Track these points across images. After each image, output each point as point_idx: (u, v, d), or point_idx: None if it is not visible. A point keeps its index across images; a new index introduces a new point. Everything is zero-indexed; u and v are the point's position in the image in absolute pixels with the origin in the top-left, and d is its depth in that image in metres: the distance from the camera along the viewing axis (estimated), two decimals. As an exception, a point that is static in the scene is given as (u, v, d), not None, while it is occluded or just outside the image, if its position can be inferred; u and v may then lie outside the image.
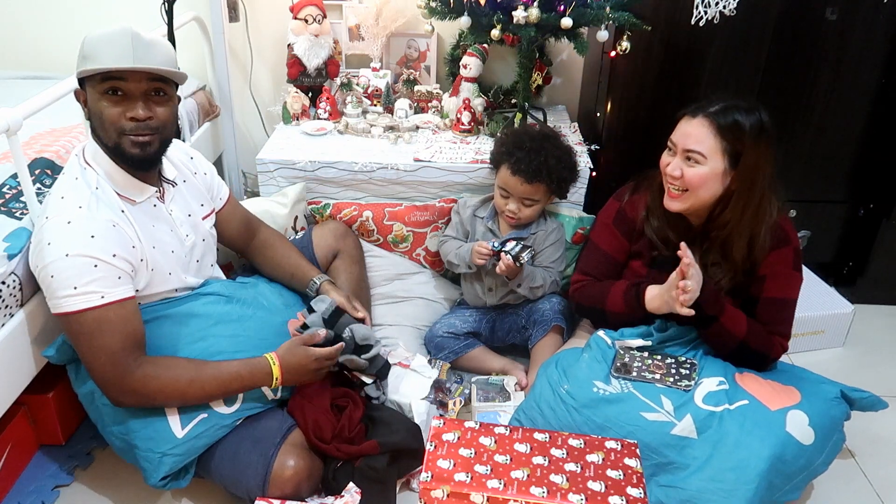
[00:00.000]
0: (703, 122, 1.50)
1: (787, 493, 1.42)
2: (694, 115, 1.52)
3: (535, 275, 1.83)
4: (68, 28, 2.49)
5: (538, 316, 1.86)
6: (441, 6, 2.04)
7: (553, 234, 1.89)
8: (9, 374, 1.40)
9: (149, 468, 1.37)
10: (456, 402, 1.75)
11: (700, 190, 1.52)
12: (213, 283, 1.58)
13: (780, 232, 1.56)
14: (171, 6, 1.96)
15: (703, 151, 1.49)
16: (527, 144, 1.78)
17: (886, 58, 2.05)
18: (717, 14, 1.85)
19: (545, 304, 1.87)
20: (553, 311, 1.85)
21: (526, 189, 1.78)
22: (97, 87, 1.30)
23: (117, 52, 1.27)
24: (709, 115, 1.49)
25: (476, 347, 1.90)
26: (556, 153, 1.79)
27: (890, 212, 2.18)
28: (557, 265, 1.90)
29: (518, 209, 1.82)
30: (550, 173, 1.77)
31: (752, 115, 1.48)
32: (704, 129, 1.49)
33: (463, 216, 1.95)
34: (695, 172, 1.51)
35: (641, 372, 1.53)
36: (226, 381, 1.38)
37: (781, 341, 1.57)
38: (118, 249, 1.32)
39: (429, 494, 1.28)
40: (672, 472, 1.41)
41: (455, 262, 1.89)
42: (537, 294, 1.86)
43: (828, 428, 1.46)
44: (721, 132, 1.48)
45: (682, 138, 1.52)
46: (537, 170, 1.76)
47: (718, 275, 1.57)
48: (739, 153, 1.48)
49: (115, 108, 1.31)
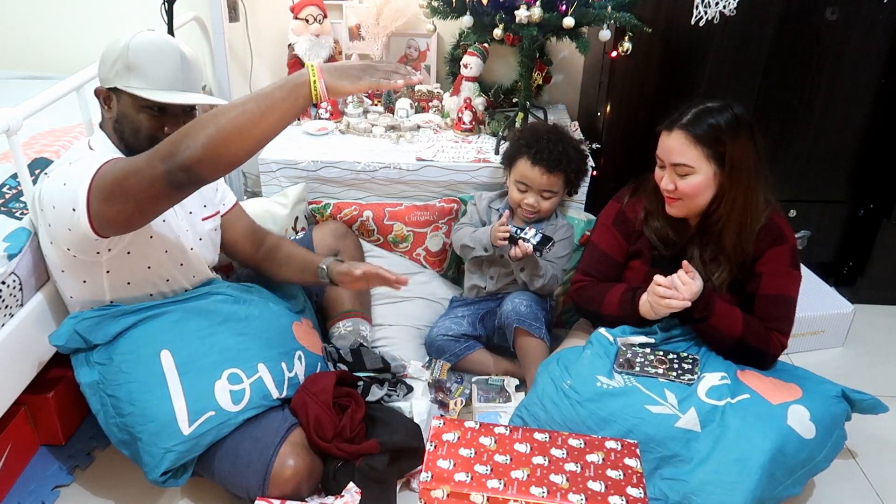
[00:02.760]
0: (679, 134, 1.52)
1: (789, 486, 1.42)
2: (670, 129, 1.54)
3: (542, 265, 1.84)
4: (68, 28, 2.51)
5: (503, 320, 1.83)
6: (443, 6, 2.04)
7: (562, 231, 1.91)
8: (9, 374, 1.40)
9: (151, 462, 1.36)
10: (457, 402, 1.75)
11: (696, 197, 1.55)
12: (219, 284, 1.59)
13: (777, 230, 1.58)
14: (171, 6, 1.96)
15: (688, 163, 1.52)
16: (545, 136, 1.83)
17: (886, 58, 2.05)
18: (717, 14, 1.85)
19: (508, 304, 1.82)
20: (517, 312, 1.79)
21: (546, 180, 1.82)
22: (138, 100, 1.33)
23: (169, 76, 1.33)
24: (682, 126, 1.52)
25: (476, 350, 1.90)
26: (573, 143, 1.86)
27: (890, 212, 2.18)
28: (563, 262, 1.91)
29: (537, 202, 1.85)
30: (570, 162, 1.83)
31: (724, 114, 1.51)
32: (683, 142, 1.52)
33: (479, 207, 1.98)
34: (687, 183, 1.53)
35: (644, 367, 1.53)
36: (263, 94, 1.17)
37: (780, 338, 1.58)
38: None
39: (429, 494, 1.28)
40: (676, 465, 1.41)
41: (471, 244, 1.88)
42: (535, 285, 1.86)
43: (829, 423, 1.46)
44: (699, 141, 1.50)
45: (665, 153, 1.55)
46: (558, 159, 1.80)
47: (716, 270, 1.59)
48: (723, 154, 1.51)
49: (155, 122, 1.36)
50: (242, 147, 1.16)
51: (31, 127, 1.75)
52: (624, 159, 2.19)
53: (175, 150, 1.14)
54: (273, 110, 1.16)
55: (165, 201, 1.23)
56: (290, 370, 1.52)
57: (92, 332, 1.41)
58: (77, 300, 1.45)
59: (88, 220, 1.23)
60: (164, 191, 1.18)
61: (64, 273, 1.42)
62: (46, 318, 1.48)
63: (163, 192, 1.19)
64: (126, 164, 1.22)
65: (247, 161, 1.20)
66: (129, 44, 1.32)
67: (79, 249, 1.33)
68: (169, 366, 1.39)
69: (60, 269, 1.42)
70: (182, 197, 1.24)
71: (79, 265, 1.38)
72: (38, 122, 1.78)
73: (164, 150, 1.15)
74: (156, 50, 1.33)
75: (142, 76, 1.32)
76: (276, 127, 1.18)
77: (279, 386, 1.49)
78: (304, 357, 1.58)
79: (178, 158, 1.13)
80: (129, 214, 1.23)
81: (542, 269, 1.85)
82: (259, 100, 1.16)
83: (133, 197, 1.20)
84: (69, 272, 1.41)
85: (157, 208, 1.25)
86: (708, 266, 1.59)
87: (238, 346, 1.46)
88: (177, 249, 1.48)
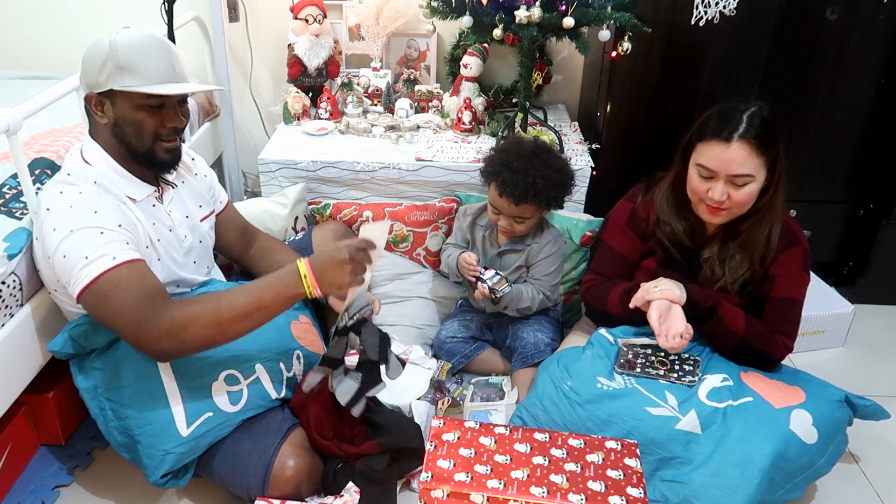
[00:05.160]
0: (742, 145, 1.43)
1: (790, 491, 1.42)
2: (727, 139, 1.44)
3: (521, 296, 1.78)
4: (68, 28, 2.51)
5: (521, 347, 1.81)
6: (443, 6, 2.04)
7: (547, 248, 1.82)
8: (9, 374, 1.40)
9: (151, 465, 1.36)
10: (444, 401, 1.74)
11: (747, 205, 1.50)
12: (216, 284, 1.59)
13: (790, 232, 1.57)
14: (171, 6, 1.96)
15: (750, 172, 1.45)
16: (514, 164, 1.68)
17: (886, 58, 2.05)
18: (717, 14, 1.85)
19: (531, 335, 1.81)
20: (537, 348, 1.79)
21: (514, 209, 1.72)
22: (136, 99, 1.33)
23: (162, 70, 1.33)
24: (743, 135, 1.43)
25: (485, 350, 1.90)
26: (544, 173, 1.67)
27: (890, 212, 2.18)
28: (551, 279, 1.83)
29: (510, 225, 1.76)
30: (538, 194, 1.68)
31: (768, 111, 1.47)
32: (746, 152, 1.43)
33: (463, 224, 1.92)
34: (743, 192, 1.47)
35: (645, 368, 1.53)
36: (255, 292, 1.28)
37: (785, 341, 1.57)
38: (123, 221, 1.32)
39: (429, 494, 1.28)
40: (675, 467, 1.41)
41: (446, 271, 1.89)
42: (529, 312, 1.84)
43: (831, 428, 1.46)
44: (762, 148, 1.44)
45: (724, 165, 1.45)
46: (524, 192, 1.66)
47: (736, 269, 1.56)
48: (776, 158, 1.47)
49: (155, 118, 1.36)
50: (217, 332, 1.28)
51: (31, 127, 1.75)
52: (624, 159, 2.19)
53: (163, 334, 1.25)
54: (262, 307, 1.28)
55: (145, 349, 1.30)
56: (289, 370, 1.52)
57: (88, 338, 1.40)
58: (73, 311, 1.45)
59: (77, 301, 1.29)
60: (149, 351, 1.29)
61: (56, 292, 1.42)
62: (47, 318, 1.48)
63: (147, 350, 1.29)
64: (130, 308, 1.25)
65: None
66: (115, 43, 1.29)
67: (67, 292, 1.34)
68: (165, 369, 1.39)
69: (53, 289, 1.42)
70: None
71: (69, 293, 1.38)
72: (38, 122, 1.78)
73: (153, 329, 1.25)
74: (144, 45, 1.31)
75: (136, 74, 1.30)
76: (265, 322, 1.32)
77: (277, 386, 1.49)
78: (302, 356, 1.57)
79: (165, 346, 1.26)
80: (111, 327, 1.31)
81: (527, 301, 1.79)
82: (262, 311, 1.28)
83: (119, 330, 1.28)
84: (61, 293, 1.41)
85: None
86: (724, 265, 1.56)
87: (234, 347, 1.44)
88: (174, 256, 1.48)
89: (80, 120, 1.67)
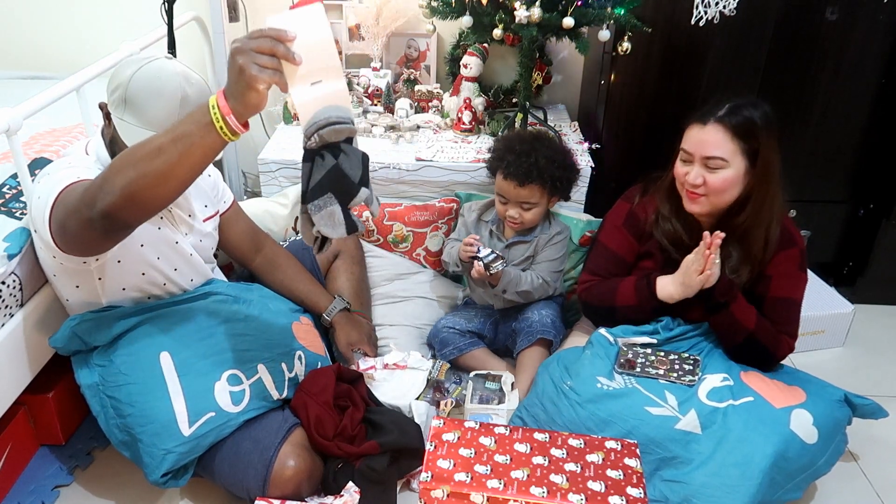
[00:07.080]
0: (716, 127, 1.48)
1: (790, 491, 1.42)
2: (704, 121, 1.50)
3: (520, 280, 1.81)
4: (68, 28, 2.51)
5: (525, 325, 1.83)
6: (443, 6, 2.04)
7: (554, 238, 1.87)
8: (9, 374, 1.40)
9: (151, 464, 1.36)
10: (448, 402, 1.74)
11: (724, 193, 1.52)
12: (219, 284, 1.59)
13: (786, 233, 1.57)
14: (171, 6, 1.96)
15: (723, 156, 1.48)
16: (516, 147, 1.77)
17: (886, 58, 2.05)
18: (717, 14, 1.85)
19: (535, 314, 1.83)
20: (541, 322, 1.81)
21: (520, 192, 1.77)
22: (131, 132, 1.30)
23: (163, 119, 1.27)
24: (719, 119, 1.48)
25: (478, 348, 1.90)
26: (546, 153, 1.76)
27: (890, 212, 2.18)
28: (553, 265, 1.87)
29: (518, 214, 1.81)
30: (542, 173, 1.75)
31: (759, 109, 1.49)
32: (720, 135, 1.48)
33: (468, 220, 1.95)
34: (717, 177, 1.49)
35: (645, 367, 1.53)
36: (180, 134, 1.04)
37: (788, 340, 1.58)
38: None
39: (429, 494, 1.28)
40: (676, 467, 1.41)
41: (447, 260, 1.90)
42: (530, 298, 1.85)
43: (831, 428, 1.46)
44: (737, 133, 1.47)
45: (698, 147, 1.50)
46: (528, 171, 1.74)
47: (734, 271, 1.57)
48: (756, 150, 1.48)
49: None
50: (166, 191, 1.09)
51: (31, 127, 1.75)
52: (624, 159, 2.19)
53: (94, 198, 1.08)
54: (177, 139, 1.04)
55: (105, 242, 1.20)
56: (291, 371, 1.52)
57: (91, 334, 1.41)
58: (73, 303, 1.45)
59: (53, 240, 1.23)
60: (96, 235, 1.14)
61: (56, 277, 1.42)
62: (47, 318, 1.48)
63: (96, 236, 1.15)
64: (73, 198, 1.16)
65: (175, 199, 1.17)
66: (134, 76, 1.29)
67: (63, 258, 1.32)
68: (168, 367, 1.39)
69: (52, 274, 1.42)
70: (120, 238, 1.19)
71: (69, 271, 1.38)
72: (38, 122, 1.78)
73: (88, 196, 1.10)
74: (157, 90, 1.29)
75: (136, 114, 1.30)
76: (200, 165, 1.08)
77: (279, 387, 1.49)
78: (304, 357, 1.57)
79: (99, 207, 1.07)
80: (82, 246, 1.22)
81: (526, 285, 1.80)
82: (177, 143, 1.04)
83: (76, 235, 1.18)
84: (60, 277, 1.40)
85: (102, 246, 1.23)
86: (723, 265, 1.55)
87: (237, 347, 1.46)
88: (173, 255, 1.47)
89: (81, 120, 1.67)
